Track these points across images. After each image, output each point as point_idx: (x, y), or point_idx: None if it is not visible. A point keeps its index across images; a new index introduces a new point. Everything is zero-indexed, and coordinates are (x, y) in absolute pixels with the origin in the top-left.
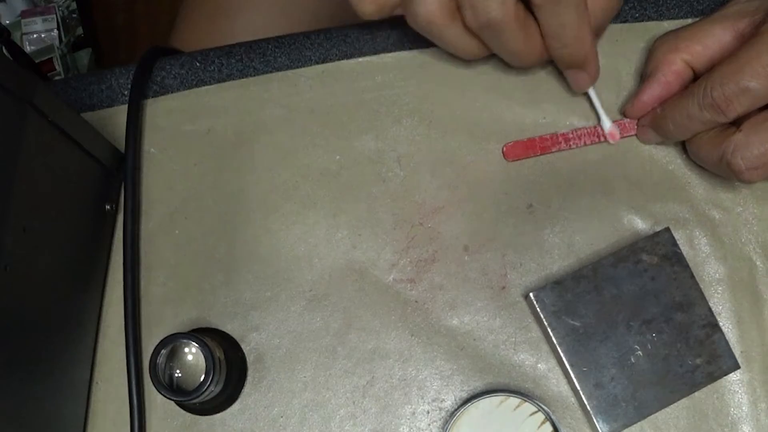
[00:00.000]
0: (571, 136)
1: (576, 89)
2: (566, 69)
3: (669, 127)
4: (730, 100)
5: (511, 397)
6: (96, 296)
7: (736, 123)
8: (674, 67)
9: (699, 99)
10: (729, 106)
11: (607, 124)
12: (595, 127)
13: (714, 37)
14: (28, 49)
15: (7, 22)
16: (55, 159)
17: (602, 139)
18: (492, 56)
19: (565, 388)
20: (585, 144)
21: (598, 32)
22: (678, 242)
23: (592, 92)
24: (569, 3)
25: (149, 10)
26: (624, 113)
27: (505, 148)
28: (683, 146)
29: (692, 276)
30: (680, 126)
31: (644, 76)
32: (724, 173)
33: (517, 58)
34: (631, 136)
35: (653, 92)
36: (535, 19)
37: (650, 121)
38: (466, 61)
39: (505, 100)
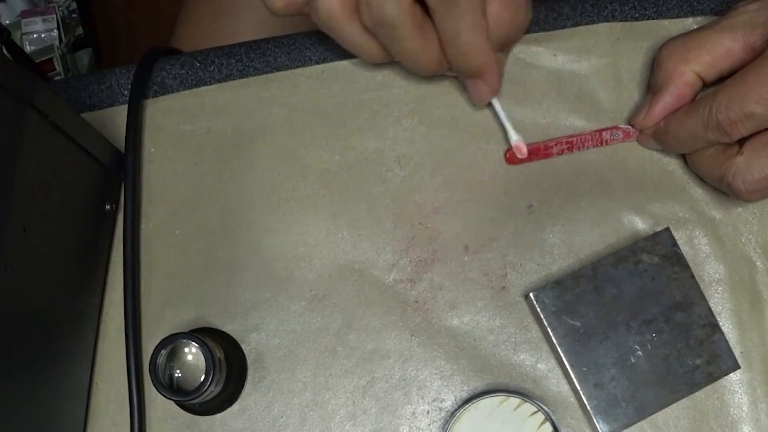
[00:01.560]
0: (574, 141)
1: (476, 101)
2: (465, 79)
3: (671, 142)
4: (735, 124)
5: (511, 397)
6: (96, 296)
7: (738, 141)
8: (685, 78)
9: (704, 120)
10: (733, 129)
11: (513, 137)
12: (600, 131)
13: (724, 49)
14: (28, 49)
15: (7, 22)
16: (55, 159)
17: (606, 143)
18: None
19: (565, 388)
20: (588, 148)
21: (504, 45)
22: (678, 242)
23: (496, 103)
24: (464, 9)
25: (149, 10)
26: (633, 124)
27: (508, 155)
28: None
29: (692, 276)
30: (683, 143)
31: (653, 86)
32: (723, 190)
33: (414, 62)
34: (632, 141)
35: (666, 105)
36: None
37: (653, 133)
38: None
39: (505, 100)
